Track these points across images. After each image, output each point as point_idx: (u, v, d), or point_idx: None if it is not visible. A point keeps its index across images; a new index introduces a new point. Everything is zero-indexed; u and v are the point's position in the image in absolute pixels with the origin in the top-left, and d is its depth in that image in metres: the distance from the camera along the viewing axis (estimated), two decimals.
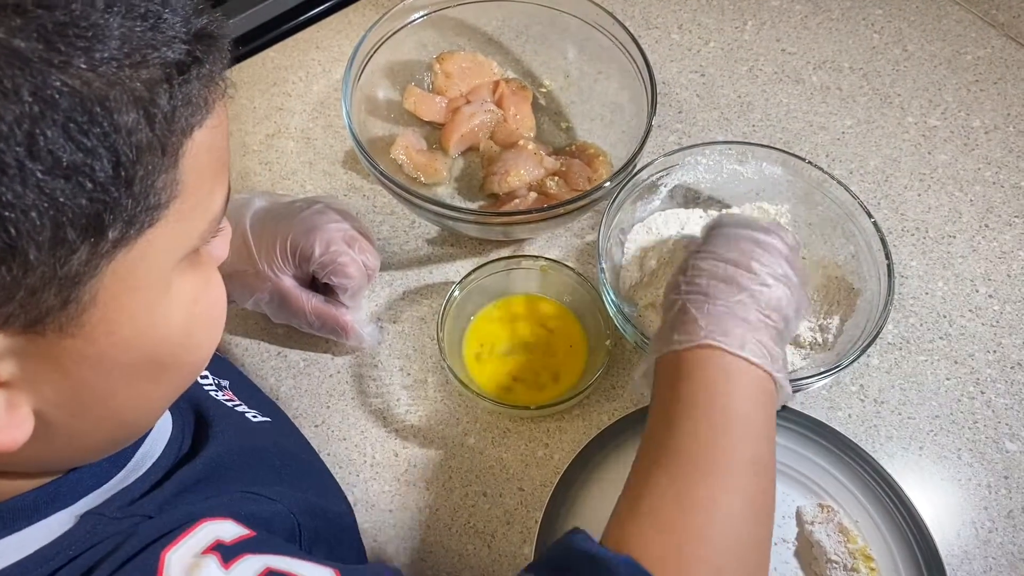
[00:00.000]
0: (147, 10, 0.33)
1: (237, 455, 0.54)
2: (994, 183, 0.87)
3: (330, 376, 0.76)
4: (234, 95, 0.39)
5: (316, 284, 0.74)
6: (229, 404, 0.61)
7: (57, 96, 0.29)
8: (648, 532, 0.49)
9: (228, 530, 0.43)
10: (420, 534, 0.68)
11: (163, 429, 0.51)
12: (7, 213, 0.29)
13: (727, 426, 0.52)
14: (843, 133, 0.91)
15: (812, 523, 0.67)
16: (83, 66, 0.30)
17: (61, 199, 0.30)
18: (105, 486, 0.45)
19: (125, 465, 0.47)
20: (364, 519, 0.69)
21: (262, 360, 0.76)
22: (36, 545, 0.40)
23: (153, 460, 0.48)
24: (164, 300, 0.38)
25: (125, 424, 0.43)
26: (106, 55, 0.31)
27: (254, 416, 0.62)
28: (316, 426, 0.73)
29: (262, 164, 0.88)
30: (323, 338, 0.77)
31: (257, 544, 0.43)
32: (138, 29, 0.32)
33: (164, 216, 0.35)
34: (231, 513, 0.45)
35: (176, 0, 0.34)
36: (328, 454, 0.72)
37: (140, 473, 0.47)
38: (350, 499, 0.69)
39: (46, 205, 0.30)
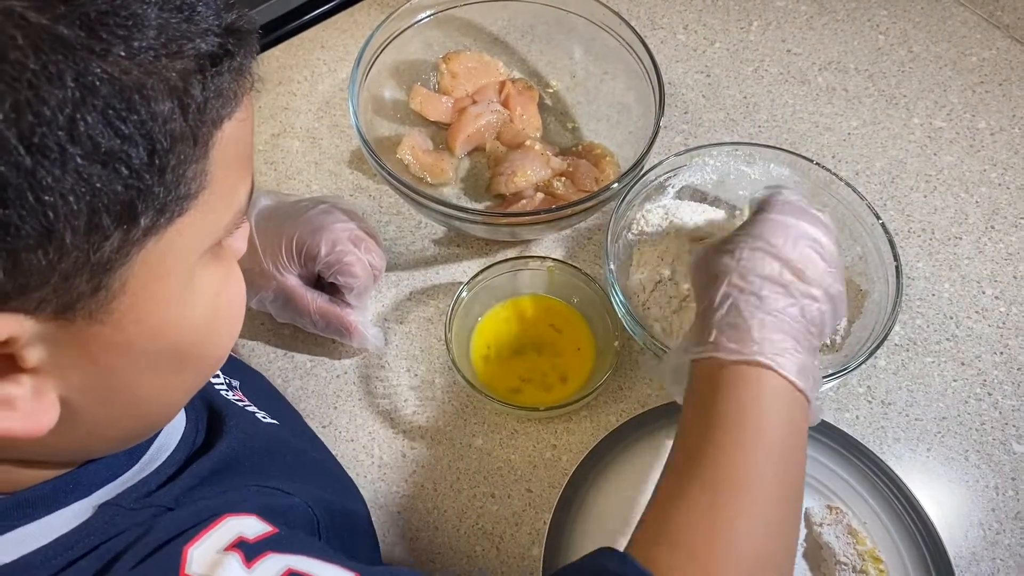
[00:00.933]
0: (182, 2, 0.33)
1: (250, 450, 0.54)
2: (1000, 184, 0.87)
3: (337, 377, 0.75)
4: (261, 90, 0.39)
5: (322, 284, 0.74)
6: (239, 404, 0.61)
7: (98, 83, 0.30)
8: (677, 557, 0.48)
9: (251, 526, 0.43)
10: (428, 535, 0.68)
11: (177, 424, 0.52)
12: (46, 197, 0.30)
13: (767, 453, 0.51)
14: (849, 134, 0.91)
15: (821, 525, 0.67)
16: (122, 55, 0.31)
17: (98, 184, 0.31)
18: (121, 478, 0.45)
19: (140, 458, 0.47)
20: (373, 520, 0.69)
21: (269, 361, 0.76)
22: (55, 534, 0.40)
23: (168, 453, 0.49)
24: (189, 291, 0.39)
25: (148, 416, 0.43)
26: (144, 44, 0.31)
27: (263, 417, 0.62)
28: (323, 427, 0.73)
29: (267, 164, 0.87)
30: (329, 339, 0.77)
31: (280, 542, 0.43)
32: (174, 20, 0.33)
33: (193, 206, 0.36)
34: (254, 508, 0.45)
35: None
36: (336, 455, 0.71)
37: (155, 466, 0.47)
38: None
39: (83, 190, 0.30)
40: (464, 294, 0.73)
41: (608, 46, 0.85)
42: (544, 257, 0.77)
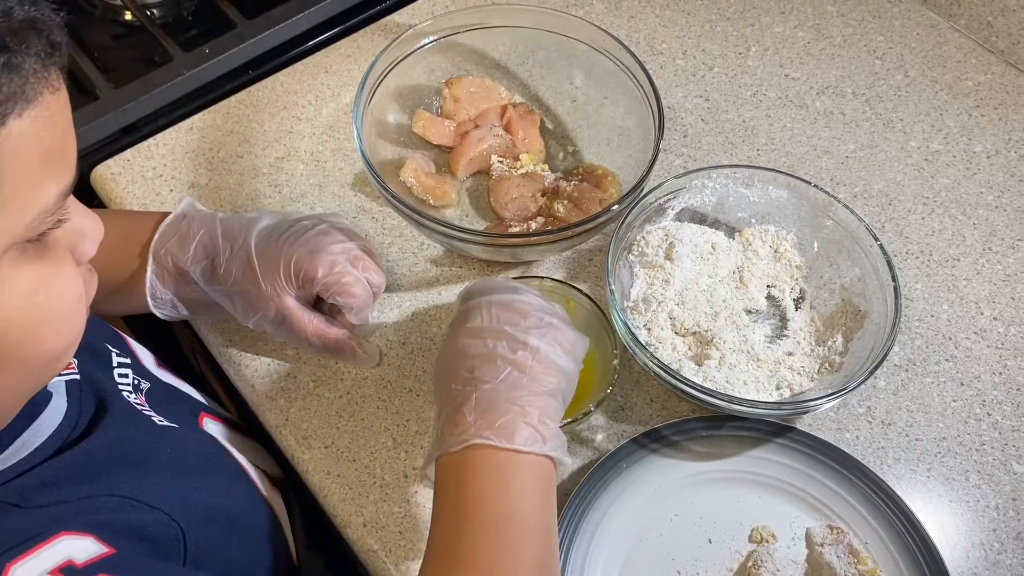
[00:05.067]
0: None
1: (122, 451, 0.53)
2: (997, 207, 0.88)
3: (339, 397, 0.76)
4: (59, 89, 0.39)
5: (321, 303, 0.75)
6: (137, 407, 0.61)
7: None
8: None
9: (85, 548, 0.42)
10: None
11: (51, 418, 0.51)
12: None
13: (509, 535, 0.52)
14: (847, 157, 0.92)
15: (822, 545, 0.67)
16: None
17: None
18: None
19: None
20: (374, 540, 0.69)
21: (272, 381, 0.77)
22: None
23: (30, 451, 0.48)
24: None
25: None
26: None
27: (160, 420, 0.62)
28: (326, 447, 0.73)
29: (272, 186, 0.88)
30: (331, 359, 0.77)
31: (114, 565, 0.42)
32: None
33: None
34: (95, 526, 0.44)
35: None
36: (338, 475, 0.72)
37: (12, 462, 0.47)
38: (359, 520, 0.70)
39: None
40: None
41: (608, 71, 0.86)
42: (543, 277, 0.78)
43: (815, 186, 0.78)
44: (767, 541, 0.68)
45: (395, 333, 0.79)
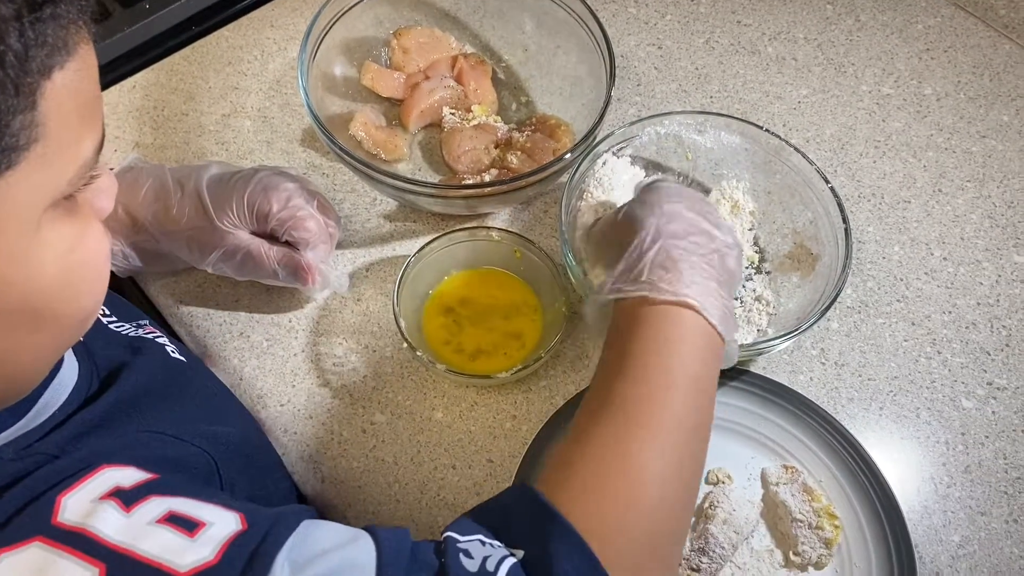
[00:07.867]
0: None
1: (145, 394, 0.53)
2: (946, 149, 0.88)
3: (294, 355, 0.75)
4: (90, 39, 0.38)
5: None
6: (150, 336, 0.61)
7: None
8: (581, 489, 0.49)
9: (128, 475, 0.42)
10: (390, 509, 0.68)
11: (68, 376, 0.51)
12: None
13: (681, 391, 0.53)
14: (799, 103, 0.92)
15: (777, 484, 0.68)
16: None
17: None
18: (3, 434, 0.45)
19: (25, 414, 0.46)
20: (334, 496, 0.69)
21: (224, 341, 0.76)
22: None
23: (56, 407, 0.48)
24: (34, 246, 0.38)
25: (5, 376, 0.42)
26: None
27: (172, 351, 0.62)
28: (282, 405, 0.72)
29: (219, 144, 0.86)
30: (286, 315, 0.76)
31: (160, 486, 0.42)
32: None
33: (24, 159, 0.35)
34: (134, 459, 0.44)
35: None
36: (295, 432, 0.71)
37: (41, 420, 0.47)
38: (318, 476, 0.69)
39: None
40: (412, 267, 0.73)
41: (559, 19, 0.85)
42: (489, 227, 0.77)
43: (767, 131, 0.78)
44: (723, 482, 0.69)
45: (349, 289, 0.78)
